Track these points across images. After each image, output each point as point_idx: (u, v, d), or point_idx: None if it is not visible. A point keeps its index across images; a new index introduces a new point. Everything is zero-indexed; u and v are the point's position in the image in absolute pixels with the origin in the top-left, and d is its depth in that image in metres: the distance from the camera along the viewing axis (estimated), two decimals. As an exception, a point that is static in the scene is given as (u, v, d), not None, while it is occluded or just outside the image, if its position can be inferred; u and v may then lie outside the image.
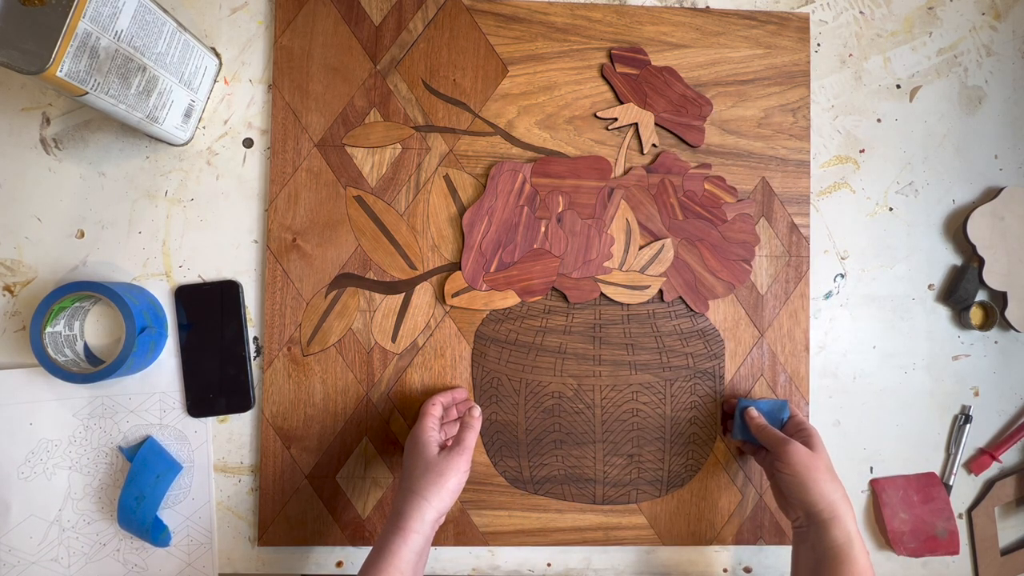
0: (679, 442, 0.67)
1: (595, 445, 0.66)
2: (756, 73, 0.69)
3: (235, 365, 0.65)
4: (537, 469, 0.66)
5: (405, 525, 0.54)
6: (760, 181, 0.69)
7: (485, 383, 0.66)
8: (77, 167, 0.66)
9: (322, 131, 0.67)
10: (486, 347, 0.66)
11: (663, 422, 0.67)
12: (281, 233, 0.66)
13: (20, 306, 0.66)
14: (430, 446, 0.58)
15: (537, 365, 0.66)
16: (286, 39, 0.67)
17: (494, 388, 0.66)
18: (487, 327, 0.66)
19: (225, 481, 0.66)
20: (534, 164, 0.67)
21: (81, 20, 0.48)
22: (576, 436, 0.66)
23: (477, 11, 0.68)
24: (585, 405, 0.66)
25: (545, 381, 0.66)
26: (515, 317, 0.66)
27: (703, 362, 0.67)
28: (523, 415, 0.66)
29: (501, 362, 0.66)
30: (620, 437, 0.66)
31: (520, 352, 0.66)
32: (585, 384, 0.66)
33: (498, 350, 0.66)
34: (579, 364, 0.66)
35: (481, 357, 0.66)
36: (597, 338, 0.66)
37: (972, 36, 0.73)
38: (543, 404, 0.66)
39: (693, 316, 0.67)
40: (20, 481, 0.64)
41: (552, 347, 0.66)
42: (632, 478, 0.67)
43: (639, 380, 0.66)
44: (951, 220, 0.72)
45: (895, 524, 0.69)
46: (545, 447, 0.66)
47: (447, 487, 0.55)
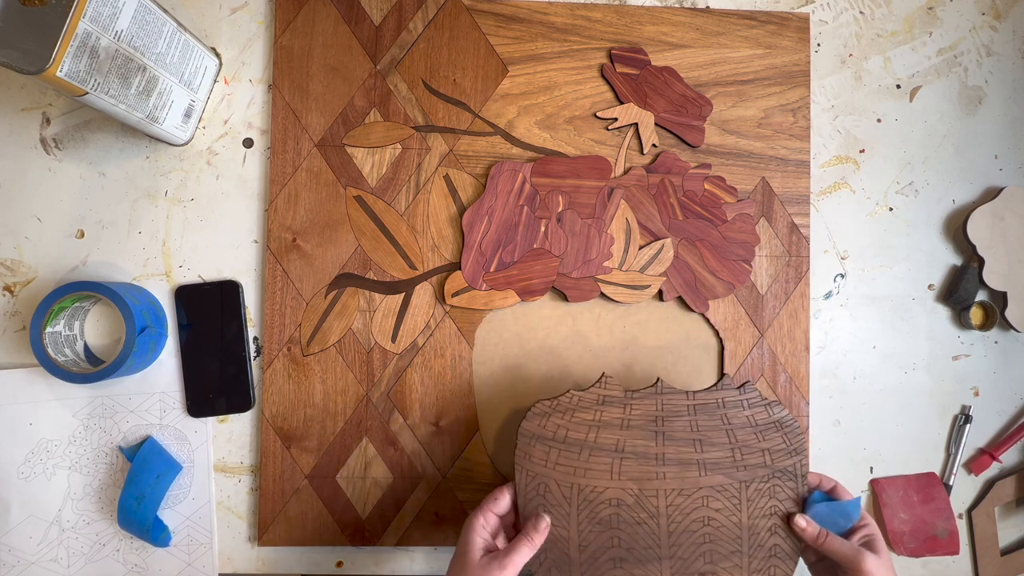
0: (759, 556, 0.57)
1: (661, 563, 0.57)
2: (756, 73, 0.69)
3: (235, 365, 0.65)
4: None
5: None
6: (760, 181, 0.69)
7: (531, 490, 0.57)
8: (77, 167, 0.66)
9: (322, 131, 0.67)
10: (531, 446, 0.58)
11: (739, 532, 0.57)
12: (281, 233, 0.66)
13: (20, 306, 0.66)
14: (473, 547, 0.52)
15: (591, 467, 0.57)
16: (286, 39, 0.67)
17: (541, 496, 0.57)
18: (532, 423, 0.58)
19: (225, 481, 0.66)
20: (534, 164, 0.67)
21: (81, 20, 0.48)
22: (638, 552, 0.57)
23: (477, 11, 0.68)
24: (648, 514, 0.57)
25: (601, 486, 0.57)
26: (564, 410, 0.58)
27: (782, 459, 0.58)
28: (576, 527, 0.57)
29: (549, 464, 0.57)
30: (690, 552, 0.57)
31: (571, 452, 0.57)
32: (647, 489, 0.57)
33: (545, 450, 0.57)
34: (640, 465, 0.57)
35: (526, 459, 0.57)
36: (660, 433, 0.58)
37: (972, 36, 0.73)
38: (599, 514, 0.57)
39: (768, 405, 0.59)
40: (20, 481, 0.64)
41: (608, 445, 0.57)
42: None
43: (710, 482, 0.57)
44: (951, 220, 0.72)
45: (895, 524, 0.69)
46: (602, 566, 0.57)
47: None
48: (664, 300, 0.68)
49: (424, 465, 0.66)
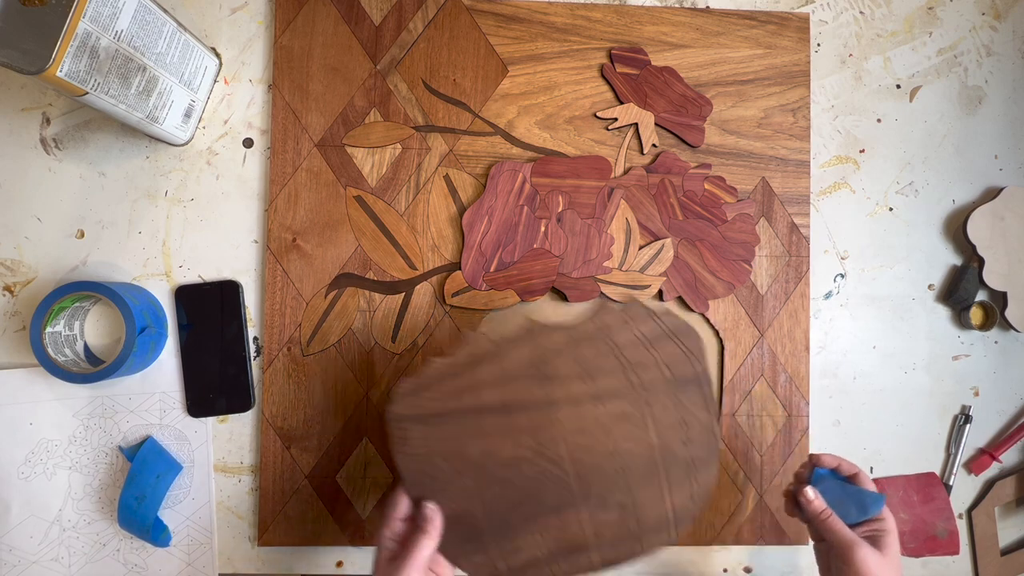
0: (676, 471, 0.53)
1: (577, 507, 0.52)
2: (756, 73, 0.69)
3: (235, 365, 0.65)
4: (512, 556, 0.53)
5: None
6: (760, 181, 0.69)
7: (416, 476, 0.52)
8: (77, 167, 0.66)
9: (322, 131, 0.67)
10: (406, 431, 0.52)
11: (651, 453, 0.52)
12: (281, 233, 0.66)
13: (20, 306, 0.66)
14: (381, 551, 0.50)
15: (478, 433, 0.52)
16: (286, 39, 0.67)
17: (431, 477, 0.52)
18: (401, 405, 0.52)
19: (225, 481, 0.66)
20: (534, 164, 0.67)
21: (81, 20, 0.48)
22: (550, 503, 0.52)
23: (477, 11, 0.68)
24: (551, 463, 0.52)
25: (493, 449, 0.52)
26: (431, 383, 0.52)
27: (681, 367, 0.53)
28: (477, 498, 0.52)
29: (430, 442, 0.52)
30: (604, 488, 0.52)
31: (452, 424, 0.52)
32: (544, 438, 0.52)
33: (423, 430, 0.52)
34: (530, 415, 0.52)
35: (404, 445, 0.52)
36: (543, 376, 0.52)
37: (972, 36, 0.73)
38: (499, 477, 0.52)
39: (653, 316, 0.54)
40: (20, 481, 0.64)
41: (491, 404, 0.52)
42: (632, 531, 0.53)
43: (608, 413, 0.52)
44: (951, 220, 0.72)
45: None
46: (516, 528, 0.52)
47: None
48: (664, 300, 0.68)
49: None
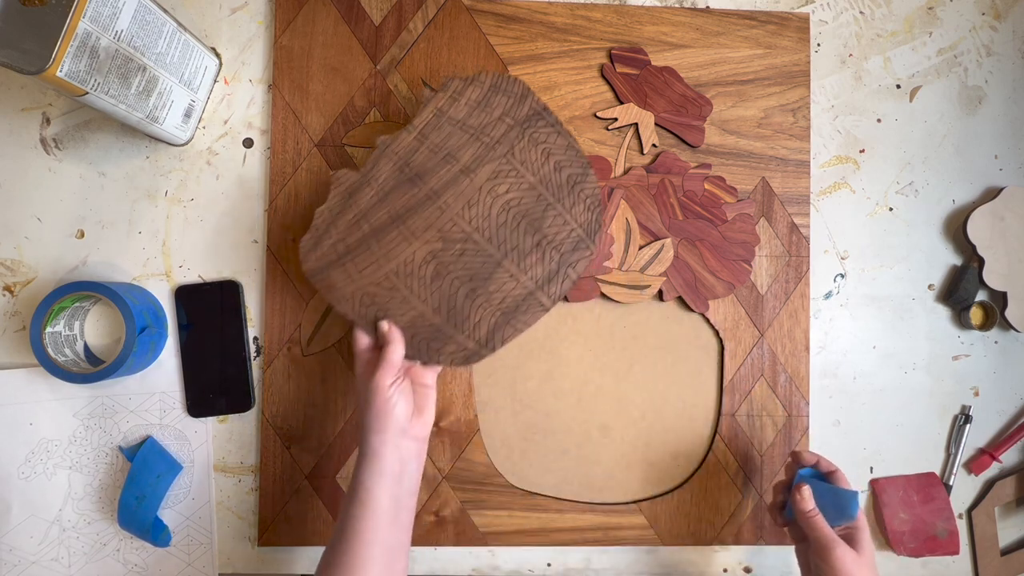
0: (566, 195, 0.58)
1: (502, 264, 0.57)
2: (756, 73, 0.69)
3: (235, 365, 0.65)
4: (475, 330, 0.57)
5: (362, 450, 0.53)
6: (760, 181, 0.69)
7: (361, 310, 0.57)
8: (77, 167, 0.66)
9: (322, 131, 0.67)
10: (328, 278, 0.56)
11: (538, 190, 0.57)
12: (281, 233, 0.66)
13: (20, 306, 0.66)
14: (358, 368, 0.56)
15: (388, 250, 0.56)
16: (286, 39, 0.67)
17: (371, 305, 0.57)
18: (311, 259, 0.56)
19: (225, 481, 0.66)
20: (534, 164, 0.67)
21: (81, 20, 0.48)
22: (480, 273, 0.57)
23: (477, 11, 0.68)
24: (460, 242, 0.57)
25: (408, 255, 0.56)
26: (325, 229, 0.56)
27: (518, 109, 0.58)
28: (419, 301, 0.57)
29: (354, 278, 0.56)
30: (516, 238, 0.57)
31: (362, 254, 0.56)
32: (444, 226, 0.56)
33: (342, 271, 0.56)
34: (421, 214, 0.56)
35: (333, 291, 0.56)
36: (413, 177, 0.56)
37: (972, 36, 0.73)
38: (427, 274, 0.57)
39: (472, 82, 0.58)
40: (20, 481, 0.65)
41: (383, 222, 0.56)
42: (558, 260, 0.58)
43: (482, 178, 0.57)
44: (951, 220, 0.72)
45: (895, 524, 0.69)
46: (464, 308, 0.57)
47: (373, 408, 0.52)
48: (664, 300, 0.68)
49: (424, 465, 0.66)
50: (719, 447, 0.68)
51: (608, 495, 0.68)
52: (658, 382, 0.69)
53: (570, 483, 0.68)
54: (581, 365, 0.68)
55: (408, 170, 0.56)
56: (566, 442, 0.68)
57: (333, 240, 0.56)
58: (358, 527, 0.50)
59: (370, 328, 0.57)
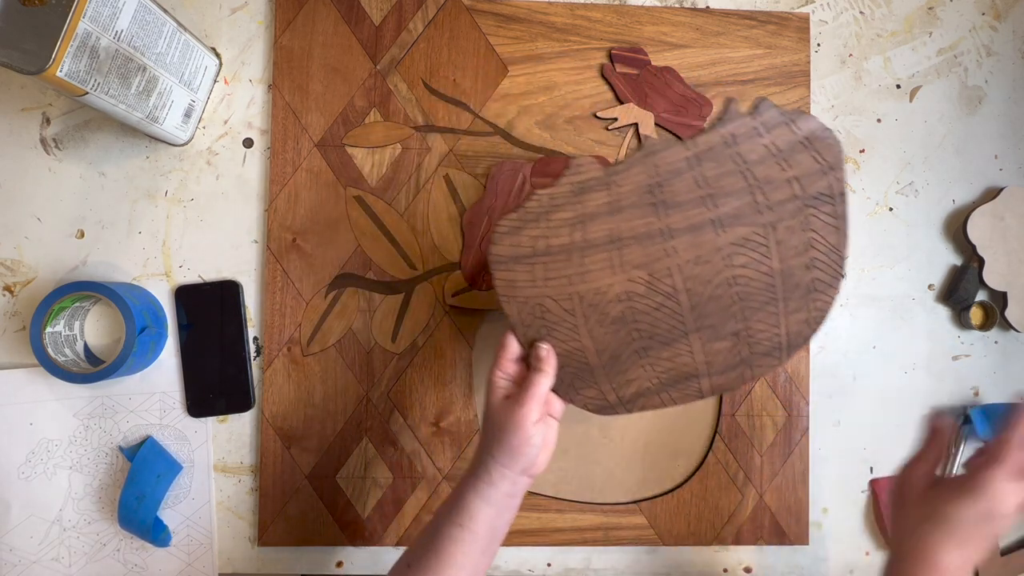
0: (796, 296, 0.50)
1: (688, 337, 0.50)
2: (756, 73, 0.69)
3: (235, 365, 0.65)
4: (623, 388, 0.52)
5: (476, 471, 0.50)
6: (760, 181, 0.69)
7: (527, 318, 0.50)
8: (77, 167, 0.66)
9: (322, 131, 0.67)
10: (511, 271, 0.49)
11: (772, 280, 0.49)
12: (281, 233, 0.66)
13: (20, 306, 0.66)
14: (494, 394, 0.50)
15: (587, 269, 0.49)
16: (286, 39, 0.67)
17: (539, 318, 0.50)
18: (503, 245, 0.49)
19: (225, 481, 0.66)
20: (534, 164, 0.67)
21: (81, 20, 0.48)
22: (662, 336, 0.50)
23: (477, 11, 0.68)
24: (665, 296, 0.49)
25: (604, 286, 0.49)
26: (535, 217, 0.48)
27: (814, 181, 0.48)
28: (588, 336, 0.50)
29: (537, 283, 0.49)
30: (719, 317, 0.50)
31: (559, 261, 0.49)
32: (658, 270, 0.49)
33: (528, 269, 0.49)
34: (643, 247, 0.48)
35: (509, 288, 0.49)
36: (659, 203, 0.48)
37: (972, 36, 0.73)
38: (610, 314, 0.50)
39: (791, 122, 0.47)
40: (20, 481, 0.65)
41: (600, 238, 0.48)
42: (743, 357, 0.51)
43: (730, 239, 0.48)
44: (951, 220, 0.72)
45: (895, 524, 0.69)
46: (627, 362, 0.51)
47: (507, 441, 0.48)
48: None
49: (424, 465, 0.66)
50: (719, 447, 0.68)
51: (608, 495, 0.68)
52: (658, 382, 0.69)
53: (570, 483, 0.68)
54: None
55: (658, 193, 0.48)
56: (566, 442, 0.68)
57: (537, 233, 0.49)
58: (451, 549, 0.49)
59: (525, 342, 0.51)
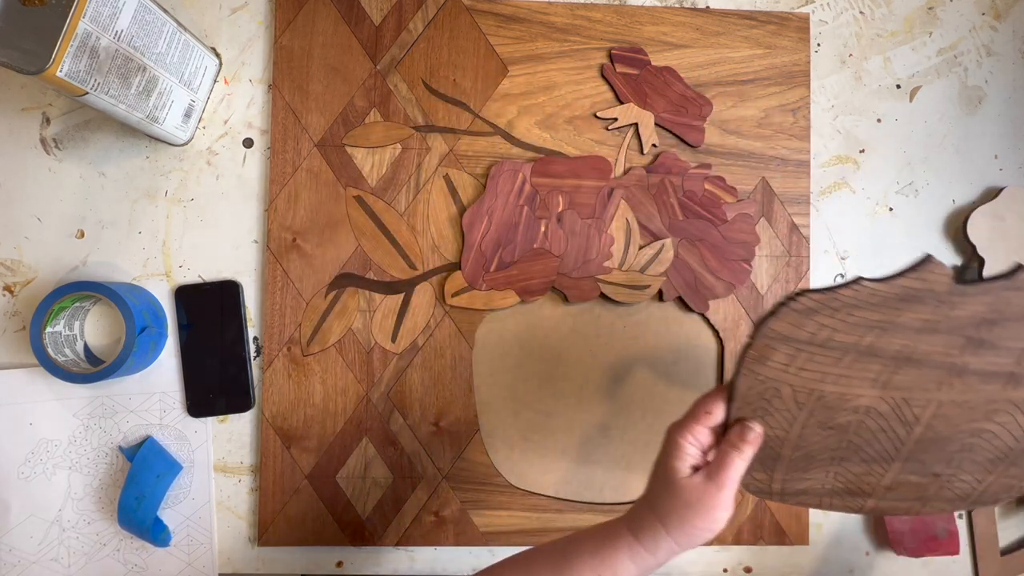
0: (1020, 465, 0.46)
1: (892, 464, 0.47)
2: (756, 73, 0.69)
3: (235, 365, 0.65)
4: (793, 483, 0.49)
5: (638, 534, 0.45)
6: (760, 181, 0.69)
7: (754, 396, 0.46)
8: (77, 167, 0.66)
9: (322, 131, 0.67)
10: (771, 348, 0.44)
11: (1014, 444, 0.46)
12: (281, 233, 0.66)
13: (20, 306, 0.66)
14: (681, 460, 0.45)
15: (850, 375, 0.44)
16: (286, 39, 0.67)
17: (765, 400, 0.45)
18: (785, 322, 0.43)
19: (225, 481, 0.66)
20: (534, 164, 0.67)
21: (81, 20, 0.48)
22: (868, 454, 0.47)
23: (477, 11, 0.68)
24: (901, 422, 0.45)
25: (853, 394, 0.45)
26: (840, 307, 0.43)
27: None
28: (798, 430, 0.46)
29: (790, 369, 0.44)
30: (935, 456, 0.46)
31: (828, 357, 0.44)
32: (916, 399, 0.44)
33: (791, 353, 0.44)
34: (922, 374, 0.44)
35: (759, 362, 0.44)
36: (976, 340, 0.42)
37: (972, 36, 0.73)
38: (835, 420, 0.45)
39: None
40: (20, 481, 0.65)
41: (889, 351, 0.43)
42: (925, 495, 0.48)
43: (1011, 396, 0.44)
44: (951, 220, 0.72)
45: (895, 524, 0.69)
46: (816, 464, 0.48)
47: (690, 522, 0.44)
48: (664, 300, 0.68)
49: (424, 465, 0.66)
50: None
51: (608, 495, 0.68)
52: (658, 382, 0.69)
53: (570, 483, 0.68)
54: (581, 365, 0.68)
55: (984, 331, 0.42)
56: (566, 442, 0.68)
57: (827, 322, 0.43)
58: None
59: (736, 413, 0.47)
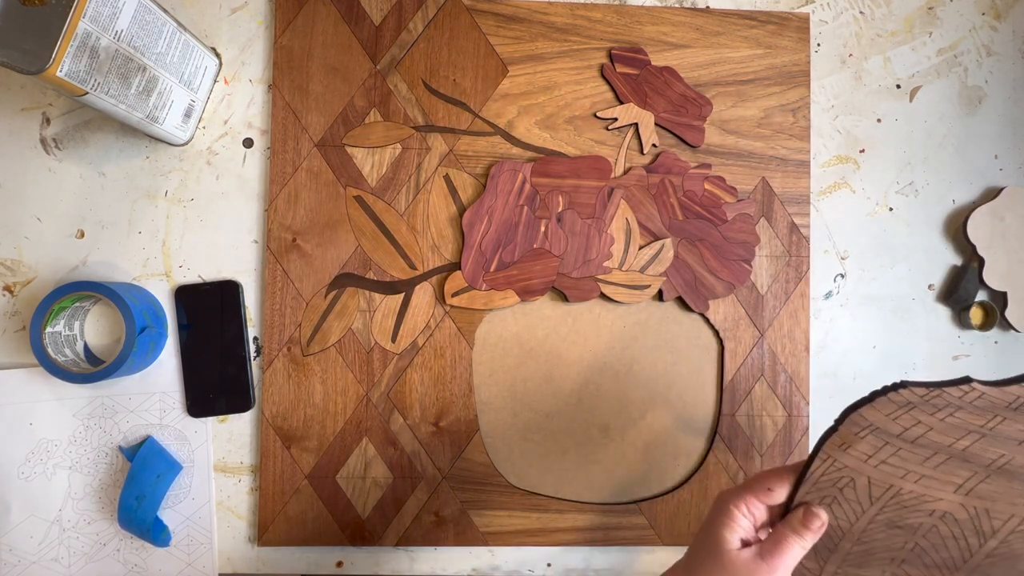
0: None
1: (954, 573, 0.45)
2: (756, 73, 0.69)
3: (235, 365, 0.65)
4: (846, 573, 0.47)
5: None
6: (760, 181, 0.69)
7: (826, 482, 0.43)
8: (77, 167, 0.66)
9: (322, 131, 0.67)
10: (857, 436, 0.42)
11: None
12: (281, 233, 0.66)
13: (20, 306, 0.66)
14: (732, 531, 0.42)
15: (934, 476, 0.42)
16: (286, 39, 0.67)
17: (835, 488, 0.43)
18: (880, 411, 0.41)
19: (225, 481, 0.66)
20: (534, 164, 0.67)
21: (81, 20, 0.48)
22: (931, 560, 0.44)
23: (477, 11, 0.68)
24: (976, 534, 0.43)
25: (932, 496, 0.42)
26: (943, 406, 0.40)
27: None
28: (863, 523, 0.44)
29: (872, 461, 0.42)
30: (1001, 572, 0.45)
31: (916, 455, 0.42)
32: (998, 511, 0.42)
33: (876, 445, 0.42)
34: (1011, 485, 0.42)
35: (839, 448, 0.42)
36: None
37: (972, 36, 0.73)
38: (905, 520, 0.43)
39: None
40: (20, 481, 0.65)
41: (982, 459, 0.41)
42: None
43: None
44: (951, 220, 0.72)
45: (895, 524, 0.69)
46: (873, 562, 0.45)
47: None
48: (664, 300, 0.68)
49: (424, 465, 0.66)
50: (719, 447, 0.68)
51: (608, 495, 0.68)
52: (658, 382, 0.69)
53: (570, 483, 0.68)
54: (581, 365, 0.68)
55: None
56: (566, 442, 0.68)
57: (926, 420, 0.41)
58: None
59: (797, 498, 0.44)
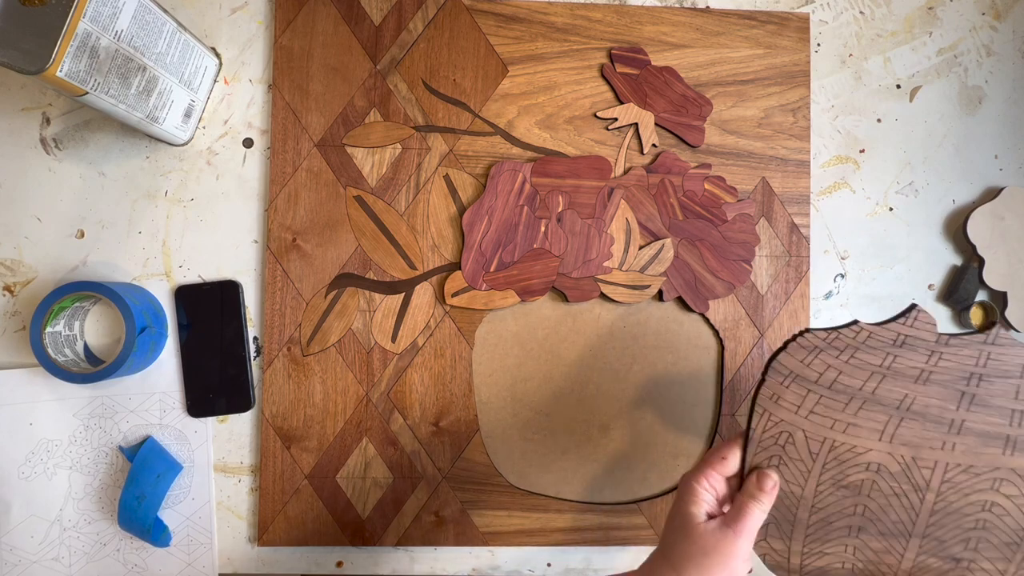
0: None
1: (909, 540, 0.47)
2: (756, 73, 0.69)
3: (235, 365, 0.65)
4: (812, 558, 0.49)
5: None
6: (760, 181, 0.69)
7: (768, 439, 0.47)
8: (77, 167, 0.66)
9: (322, 131, 0.67)
10: (783, 387, 0.46)
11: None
12: (281, 233, 0.66)
13: (20, 306, 0.66)
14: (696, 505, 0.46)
15: (857, 423, 0.46)
16: (286, 39, 0.67)
17: (780, 447, 0.46)
18: (794, 358, 0.46)
19: (225, 481, 0.66)
20: (534, 164, 0.67)
21: (81, 20, 0.48)
22: (883, 525, 0.47)
23: (477, 11, 0.68)
24: (912, 487, 0.46)
25: (863, 447, 0.46)
26: (843, 347, 0.45)
27: None
28: (813, 487, 0.47)
29: (801, 411, 0.46)
30: (951, 534, 0.47)
31: (836, 401, 0.46)
32: (923, 458, 0.46)
33: (800, 394, 0.46)
34: (924, 429, 0.45)
35: (772, 400, 0.46)
36: (967, 394, 0.45)
37: (972, 36, 0.73)
38: (848, 477, 0.46)
39: None
40: (21, 481, 0.65)
41: (890, 400, 0.45)
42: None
43: (1013, 464, 0.45)
44: (951, 220, 0.72)
45: None
46: (834, 533, 0.48)
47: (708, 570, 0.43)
48: (664, 300, 0.68)
49: (424, 465, 0.66)
50: (719, 447, 0.68)
51: (608, 495, 0.68)
52: (658, 382, 0.69)
53: (570, 483, 0.68)
54: (581, 365, 0.68)
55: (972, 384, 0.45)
56: (566, 442, 0.68)
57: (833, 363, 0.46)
58: None
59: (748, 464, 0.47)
